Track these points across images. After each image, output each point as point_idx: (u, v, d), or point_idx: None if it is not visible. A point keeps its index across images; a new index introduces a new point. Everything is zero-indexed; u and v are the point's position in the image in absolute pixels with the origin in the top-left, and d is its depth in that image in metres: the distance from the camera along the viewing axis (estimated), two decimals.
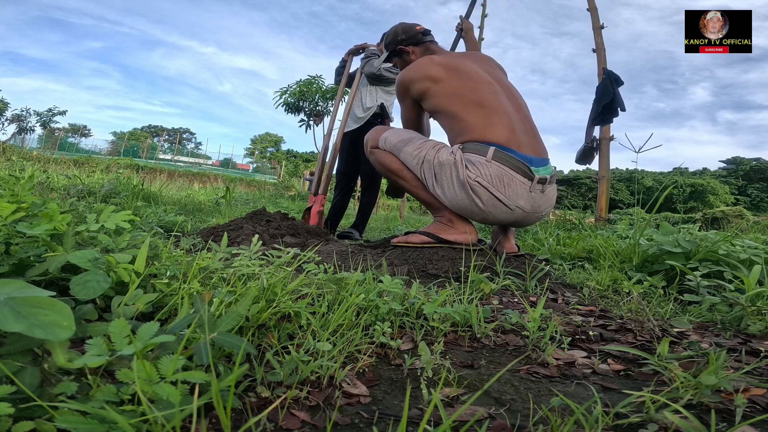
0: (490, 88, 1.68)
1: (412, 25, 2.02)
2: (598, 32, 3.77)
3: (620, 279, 1.37)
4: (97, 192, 3.00)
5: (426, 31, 2.02)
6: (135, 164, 10.41)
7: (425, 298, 0.85)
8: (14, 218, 0.72)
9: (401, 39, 2.00)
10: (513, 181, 1.58)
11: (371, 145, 1.85)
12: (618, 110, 3.28)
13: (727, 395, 0.57)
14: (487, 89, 1.67)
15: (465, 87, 1.67)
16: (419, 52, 1.99)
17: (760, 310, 0.98)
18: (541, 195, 1.64)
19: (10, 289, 0.40)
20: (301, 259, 0.94)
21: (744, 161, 40.17)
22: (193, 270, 0.75)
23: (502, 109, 1.64)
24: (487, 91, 1.67)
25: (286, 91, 3.39)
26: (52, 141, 25.58)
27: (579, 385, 0.63)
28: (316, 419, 0.48)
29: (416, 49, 2.00)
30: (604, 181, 3.59)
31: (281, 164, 32.47)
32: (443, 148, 1.69)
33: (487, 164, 1.57)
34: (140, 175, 6.82)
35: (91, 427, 0.35)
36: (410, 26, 2.02)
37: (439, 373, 0.62)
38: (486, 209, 1.61)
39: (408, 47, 2.00)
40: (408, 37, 1.99)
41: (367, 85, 3.07)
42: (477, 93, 1.66)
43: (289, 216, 2.36)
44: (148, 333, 0.41)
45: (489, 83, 1.70)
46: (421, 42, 1.99)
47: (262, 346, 0.63)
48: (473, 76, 1.70)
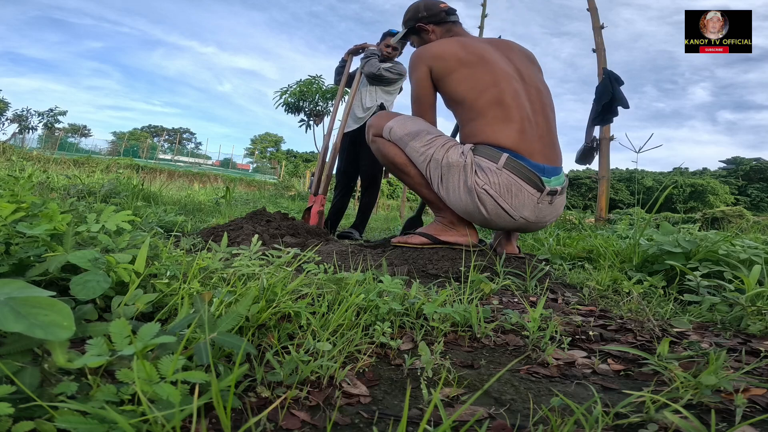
0: (512, 85, 1.57)
1: (436, 2, 1.84)
2: (598, 32, 3.77)
3: (620, 279, 1.37)
4: (97, 192, 3.00)
5: (451, 9, 1.84)
6: (135, 164, 10.42)
7: (425, 298, 0.85)
8: (14, 218, 0.72)
9: (422, 16, 1.83)
10: (521, 192, 1.52)
11: (374, 133, 1.73)
12: (618, 110, 3.27)
13: (727, 395, 0.57)
14: (508, 87, 1.56)
15: (487, 79, 1.56)
16: (440, 33, 1.83)
17: (760, 310, 0.98)
18: (548, 206, 1.59)
19: (10, 289, 0.40)
20: (301, 259, 0.94)
21: (744, 161, 40.17)
22: (193, 270, 0.75)
23: (520, 111, 1.55)
24: (508, 88, 1.56)
25: (286, 91, 3.39)
26: (52, 141, 25.59)
27: (579, 385, 0.63)
28: (316, 419, 0.48)
29: (437, 29, 1.82)
30: (604, 181, 3.59)
31: (281, 164, 32.48)
32: (453, 147, 1.60)
33: (498, 172, 1.51)
34: (140, 175, 6.82)
35: (91, 427, 0.35)
36: (434, 3, 1.84)
37: (439, 373, 0.62)
38: (489, 217, 1.57)
39: (428, 25, 1.83)
40: (430, 14, 1.82)
41: (367, 85, 3.07)
42: (498, 89, 1.55)
43: (289, 216, 2.36)
44: (149, 333, 0.41)
45: (511, 79, 1.59)
46: (444, 21, 1.82)
47: (262, 346, 0.63)
48: (496, 67, 1.59)
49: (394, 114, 1.75)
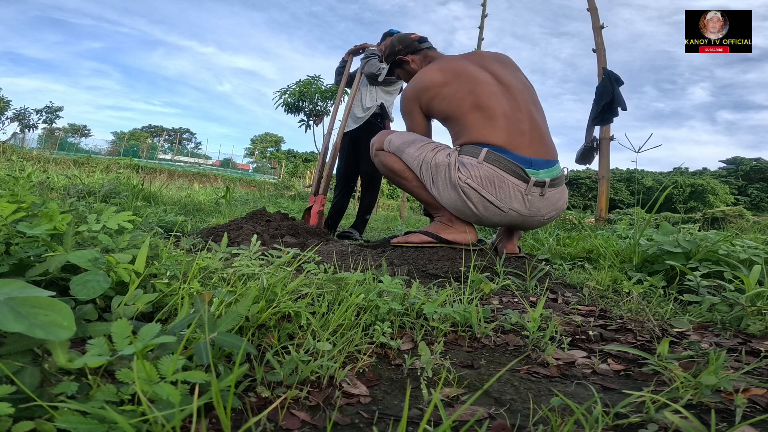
0: (488, 89, 1.67)
1: (407, 35, 2.07)
2: (598, 32, 3.77)
3: (620, 279, 1.37)
4: (97, 192, 3.00)
5: (422, 38, 2.05)
6: (135, 164, 10.40)
7: (425, 298, 0.85)
8: (14, 218, 0.72)
9: (399, 50, 2.04)
10: (504, 183, 1.57)
11: (377, 148, 1.87)
12: (618, 110, 3.28)
13: (727, 395, 0.57)
14: (484, 90, 1.67)
15: (464, 89, 1.68)
16: (419, 60, 2.02)
17: (760, 310, 0.98)
18: (540, 198, 1.61)
19: (10, 289, 0.40)
20: (301, 259, 0.94)
21: (744, 161, 40.16)
22: (193, 270, 0.75)
23: (499, 110, 1.63)
24: (485, 92, 1.66)
25: (285, 91, 3.39)
26: (52, 141, 25.61)
27: (579, 385, 0.63)
28: (316, 419, 0.48)
29: (415, 57, 2.03)
30: (604, 181, 3.59)
31: (281, 164, 32.49)
32: (442, 149, 1.70)
33: (479, 166, 1.58)
34: (140, 175, 6.81)
35: (91, 427, 0.35)
36: (405, 36, 2.07)
37: (439, 373, 0.62)
38: (479, 212, 1.61)
39: (407, 56, 2.03)
40: (405, 46, 2.03)
41: (366, 85, 3.07)
42: (474, 95, 1.66)
43: (289, 216, 2.36)
44: (149, 334, 0.41)
45: (486, 84, 1.69)
46: (418, 50, 2.02)
47: (262, 346, 0.63)
48: (470, 77, 1.70)
49: (393, 131, 1.93)
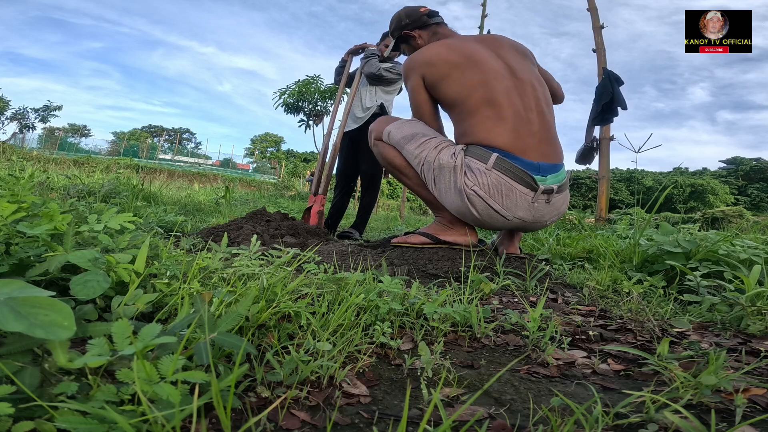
0: (502, 83, 1.56)
1: (416, 8, 1.90)
2: (598, 32, 3.77)
3: (620, 279, 1.37)
4: (97, 192, 3.00)
5: (432, 12, 1.88)
6: (135, 164, 10.41)
7: (425, 298, 0.85)
8: (14, 218, 0.72)
9: (405, 23, 1.88)
10: (513, 192, 1.50)
11: (375, 137, 1.78)
12: (618, 110, 3.27)
13: (727, 395, 0.57)
14: (499, 85, 1.55)
15: (475, 79, 1.56)
16: (427, 36, 1.87)
17: (760, 310, 0.98)
18: (545, 205, 1.56)
19: (10, 289, 0.40)
20: (301, 259, 0.94)
21: (744, 161, 40.15)
22: (193, 270, 0.75)
23: (511, 110, 1.53)
24: (499, 86, 1.55)
25: (285, 91, 3.39)
26: (52, 141, 25.62)
27: (579, 385, 0.63)
28: (316, 419, 0.48)
29: (423, 33, 1.87)
30: (604, 181, 3.59)
31: (281, 164, 32.48)
32: (445, 147, 1.60)
33: (487, 173, 1.50)
34: (140, 175, 6.80)
35: (91, 427, 0.35)
36: (414, 9, 1.90)
37: (439, 373, 0.62)
38: (481, 217, 1.56)
39: (414, 31, 1.87)
40: (412, 20, 1.87)
41: (366, 85, 3.07)
42: (488, 87, 1.54)
43: (289, 216, 2.36)
44: (149, 334, 0.41)
45: (501, 77, 1.57)
46: (427, 25, 1.86)
47: (262, 346, 0.63)
48: (484, 65, 1.58)
49: (394, 118, 1.80)
